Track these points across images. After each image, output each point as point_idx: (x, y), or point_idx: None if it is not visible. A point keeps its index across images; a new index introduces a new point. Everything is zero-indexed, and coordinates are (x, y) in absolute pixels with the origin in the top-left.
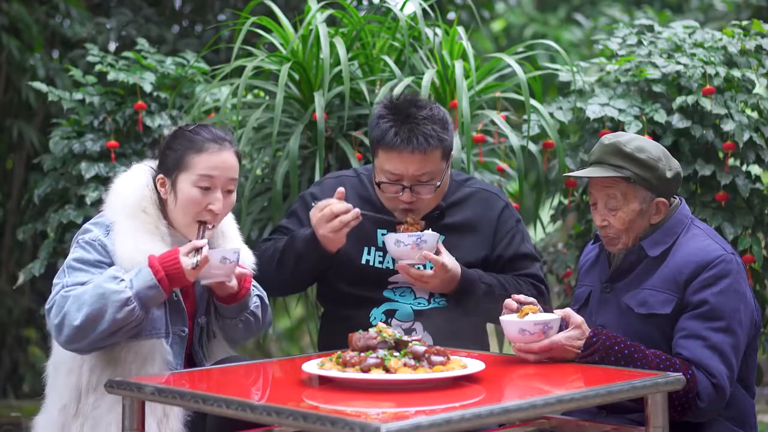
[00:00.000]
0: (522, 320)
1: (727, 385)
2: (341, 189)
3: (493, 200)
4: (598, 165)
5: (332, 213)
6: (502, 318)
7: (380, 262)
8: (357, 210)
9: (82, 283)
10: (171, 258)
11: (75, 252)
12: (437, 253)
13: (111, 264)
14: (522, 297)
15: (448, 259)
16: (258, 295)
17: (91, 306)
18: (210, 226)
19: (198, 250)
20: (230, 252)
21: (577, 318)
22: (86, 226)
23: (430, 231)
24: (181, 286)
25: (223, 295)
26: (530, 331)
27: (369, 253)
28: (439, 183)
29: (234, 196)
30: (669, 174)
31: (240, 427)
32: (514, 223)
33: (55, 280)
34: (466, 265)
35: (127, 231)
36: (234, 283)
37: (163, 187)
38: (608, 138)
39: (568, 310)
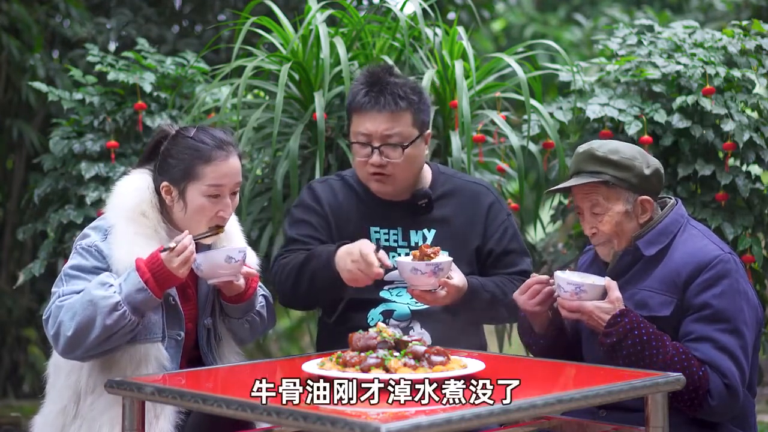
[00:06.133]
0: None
1: (739, 386)
2: (384, 256)
3: (483, 194)
4: (577, 175)
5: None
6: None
7: None
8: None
9: (78, 292)
10: (155, 258)
11: (72, 259)
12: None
13: (108, 269)
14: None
15: (459, 278)
16: (263, 295)
17: (82, 314)
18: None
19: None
20: (235, 251)
21: (615, 293)
22: (85, 230)
23: (445, 257)
24: (172, 284)
25: (230, 295)
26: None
27: None
28: (407, 144)
29: (238, 195)
30: (647, 171)
31: (227, 428)
32: (505, 217)
33: (53, 288)
34: (457, 257)
35: (125, 235)
36: (242, 281)
37: (168, 195)
38: (582, 147)
39: (613, 284)
